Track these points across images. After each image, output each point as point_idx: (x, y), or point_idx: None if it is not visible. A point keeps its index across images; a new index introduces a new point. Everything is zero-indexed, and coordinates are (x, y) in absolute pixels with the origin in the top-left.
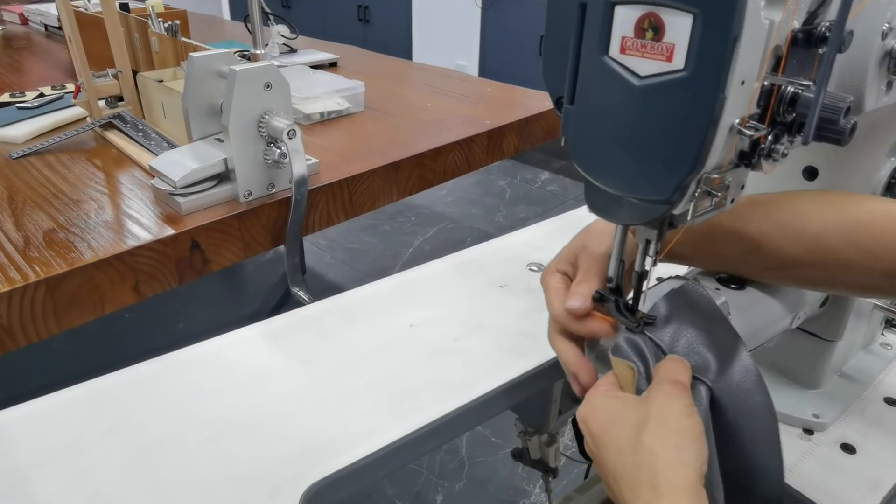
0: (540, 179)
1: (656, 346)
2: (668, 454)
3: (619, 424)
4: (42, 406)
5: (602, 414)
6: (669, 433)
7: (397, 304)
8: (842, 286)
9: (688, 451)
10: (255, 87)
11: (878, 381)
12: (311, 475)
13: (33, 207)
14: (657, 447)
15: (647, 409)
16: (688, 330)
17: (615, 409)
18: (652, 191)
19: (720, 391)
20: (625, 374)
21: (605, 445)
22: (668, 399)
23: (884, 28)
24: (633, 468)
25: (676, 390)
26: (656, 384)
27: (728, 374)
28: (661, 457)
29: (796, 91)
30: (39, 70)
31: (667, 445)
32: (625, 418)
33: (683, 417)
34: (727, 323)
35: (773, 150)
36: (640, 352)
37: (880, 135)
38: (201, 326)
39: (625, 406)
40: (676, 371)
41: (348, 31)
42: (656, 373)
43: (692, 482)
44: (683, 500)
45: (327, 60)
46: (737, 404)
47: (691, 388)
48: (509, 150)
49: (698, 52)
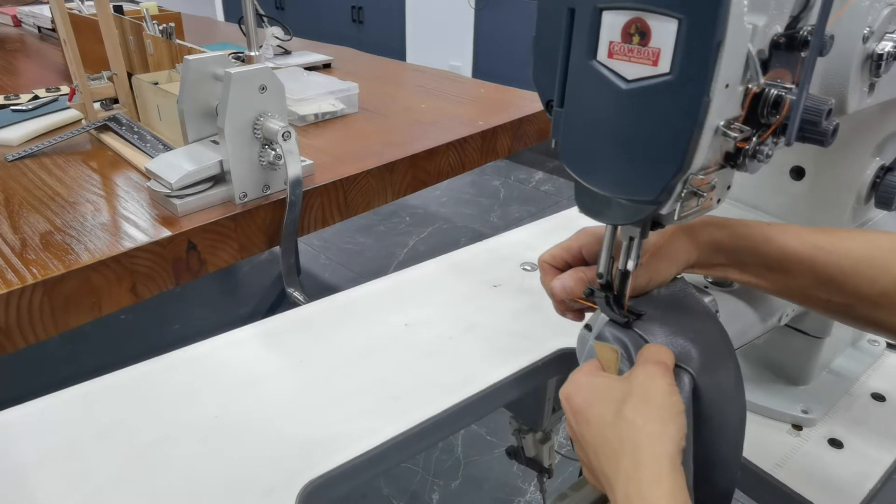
0: (534, 179)
1: (642, 339)
2: (650, 427)
3: (601, 400)
4: (39, 407)
5: (585, 390)
6: (652, 408)
7: (392, 304)
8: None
9: (669, 426)
10: (250, 89)
11: (865, 377)
12: (308, 474)
13: (30, 210)
14: (639, 420)
15: (630, 386)
16: (673, 323)
17: (598, 385)
18: (639, 191)
19: (701, 383)
20: (609, 358)
21: (587, 420)
22: (652, 377)
23: (865, 32)
24: (615, 440)
25: (660, 370)
26: (640, 364)
27: (710, 369)
28: (644, 430)
29: (780, 94)
30: (33, 72)
31: (649, 419)
32: (608, 394)
33: (666, 395)
34: (715, 320)
35: (757, 151)
36: (622, 341)
37: (865, 135)
38: (196, 328)
39: (608, 383)
40: (660, 353)
41: (342, 32)
42: (640, 355)
43: (672, 455)
44: (664, 470)
45: (321, 62)
46: (713, 398)
47: (676, 375)
48: (503, 150)
49: (683, 57)
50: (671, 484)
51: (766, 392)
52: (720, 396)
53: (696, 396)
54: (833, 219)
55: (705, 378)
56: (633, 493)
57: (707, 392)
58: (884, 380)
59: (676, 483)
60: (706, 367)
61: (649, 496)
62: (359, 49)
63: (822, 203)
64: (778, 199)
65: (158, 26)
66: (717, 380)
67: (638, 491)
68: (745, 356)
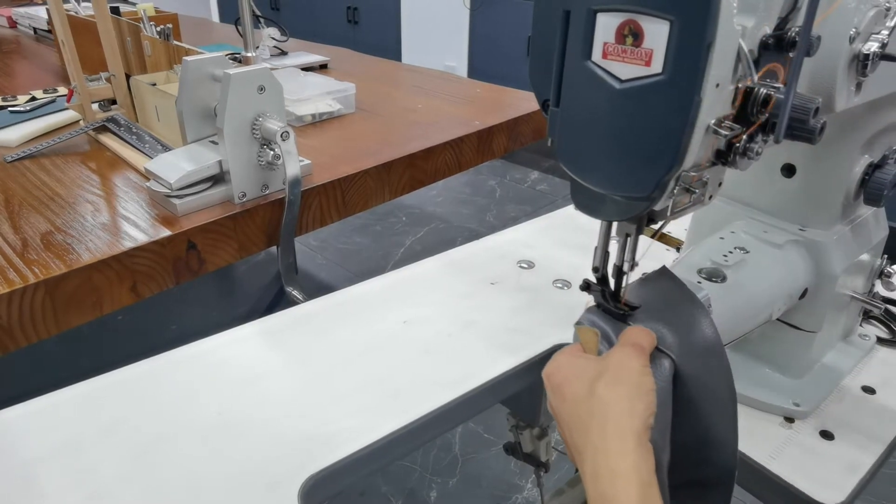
0: (529, 179)
1: (624, 323)
2: (620, 404)
3: (577, 377)
4: (42, 405)
5: (564, 369)
6: (622, 386)
7: (390, 302)
8: None
9: (637, 404)
10: (248, 89)
11: (856, 371)
12: (309, 468)
13: (30, 210)
14: (609, 397)
15: (606, 365)
16: (656, 310)
17: (577, 364)
18: (633, 188)
19: (683, 364)
20: (589, 340)
21: (563, 396)
22: (626, 357)
23: (851, 32)
24: (586, 415)
25: (635, 351)
26: (619, 346)
27: (691, 346)
28: (613, 406)
29: (768, 93)
30: (30, 74)
31: (619, 396)
32: (583, 372)
33: (637, 374)
34: (700, 306)
35: (748, 148)
36: (603, 325)
37: (853, 134)
38: (194, 328)
39: (586, 363)
40: (639, 336)
41: (338, 32)
42: (621, 337)
43: (638, 431)
44: (629, 445)
45: (318, 62)
46: (698, 378)
47: (656, 359)
48: (499, 150)
49: (675, 57)
50: (636, 456)
51: (758, 385)
52: (703, 377)
53: (681, 381)
54: (823, 215)
55: (688, 361)
56: (600, 464)
57: (691, 374)
58: (874, 374)
59: (641, 456)
60: (691, 351)
61: (615, 467)
62: (354, 50)
63: (812, 200)
64: (769, 197)
65: (156, 27)
66: (699, 362)
67: (605, 462)
68: (738, 350)
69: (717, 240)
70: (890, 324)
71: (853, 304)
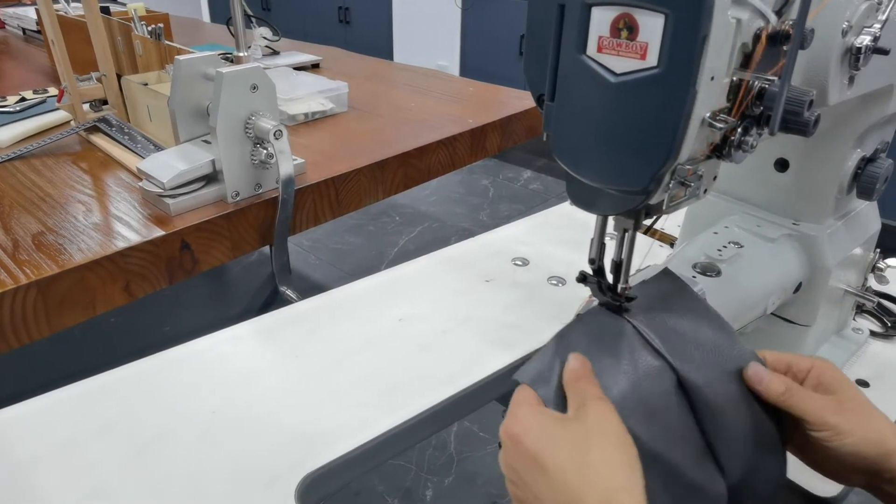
0: (522, 178)
1: (639, 332)
2: (620, 475)
3: (559, 444)
4: (40, 405)
5: (537, 431)
6: (616, 454)
7: (385, 299)
8: None
9: (636, 471)
10: (241, 88)
11: (850, 364)
12: (306, 466)
13: (21, 211)
14: (606, 469)
15: (586, 429)
16: (667, 317)
17: (550, 427)
18: (629, 182)
19: (705, 378)
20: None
21: (544, 465)
22: (605, 417)
23: (844, 26)
24: (583, 487)
25: (607, 406)
26: (589, 401)
27: (709, 362)
28: (613, 478)
29: (763, 86)
30: (19, 74)
31: (617, 466)
32: (564, 437)
33: (622, 435)
34: (709, 311)
35: (742, 141)
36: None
37: (846, 127)
38: (188, 329)
39: (562, 424)
40: (587, 377)
41: (329, 32)
42: (574, 385)
43: (641, 500)
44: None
45: (310, 62)
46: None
47: (659, 372)
48: (492, 148)
49: (670, 51)
50: None
51: None
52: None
53: (700, 392)
54: (816, 209)
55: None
56: None
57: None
58: (867, 367)
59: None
60: (705, 362)
61: None
62: (346, 49)
63: (805, 194)
64: (763, 191)
65: (147, 27)
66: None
67: None
68: None
69: (711, 235)
70: (883, 317)
71: (846, 298)
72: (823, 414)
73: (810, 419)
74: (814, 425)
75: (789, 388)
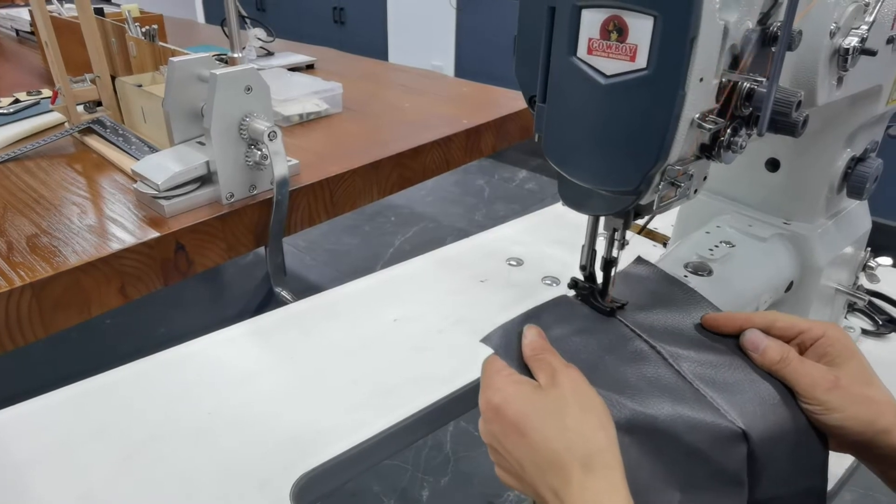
0: (518, 178)
1: (631, 330)
2: (598, 436)
3: (539, 412)
4: (33, 407)
5: (519, 400)
6: (593, 418)
7: (381, 300)
8: None
9: (610, 431)
10: (235, 90)
11: None
12: (301, 467)
13: (14, 213)
14: (587, 430)
15: (563, 395)
16: (660, 314)
17: (530, 395)
18: (619, 183)
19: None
20: None
21: (526, 432)
22: (577, 384)
23: (831, 27)
24: (563, 452)
25: (577, 374)
26: (559, 370)
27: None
28: (592, 440)
29: (752, 87)
30: (13, 76)
31: (595, 429)
32: (544, 405)
33: (595, 397)
34: (682, 285)
35: (732, 142)
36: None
37: (836, 128)
38: (183, 331)
39: (541, 393)
40: (553, 354)
41: (324, 33)
42: (538, 358)
43: (620, 461)
44: (617, 476)
45: (304, 63)
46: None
47: (648, 361)
48: (487, 148)
49: (659, 52)
50: (626, 491)
51: None
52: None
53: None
54: (807, 209)
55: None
56: (590, 502)
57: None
58: None
59: (628, 490)
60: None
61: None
62: (341, 50)
63: (796, 194)
64: (754, 191)
65: (141, 28)
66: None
67: (595, 500)
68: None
69: (702, 234)
70: (874, 316)
71: (838, 296)
72: (814, 389)
73: (801, 392)
74: (803, 398)
75: (784, 358)
